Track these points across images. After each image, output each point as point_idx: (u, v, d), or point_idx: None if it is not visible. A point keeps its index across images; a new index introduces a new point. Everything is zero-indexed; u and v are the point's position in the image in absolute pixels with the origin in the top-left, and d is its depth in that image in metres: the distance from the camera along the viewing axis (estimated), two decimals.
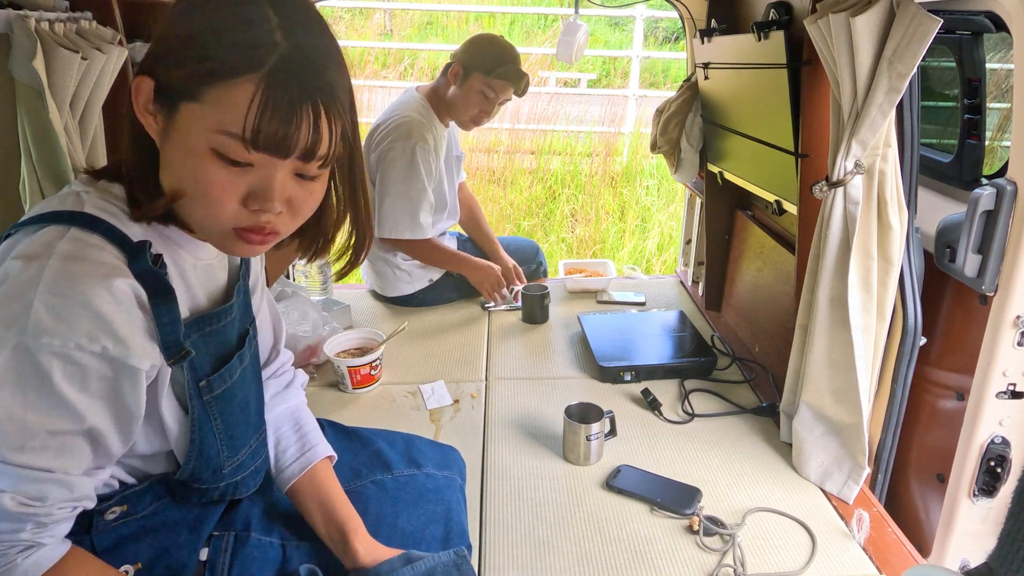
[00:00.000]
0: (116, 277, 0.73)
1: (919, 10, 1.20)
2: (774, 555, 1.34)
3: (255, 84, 0.69)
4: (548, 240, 4.67)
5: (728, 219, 2.42)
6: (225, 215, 0.75)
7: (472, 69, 2.20)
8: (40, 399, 0.70)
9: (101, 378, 0.74)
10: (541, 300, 2.38)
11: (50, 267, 0.70)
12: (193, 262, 0.88)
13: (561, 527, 1.41)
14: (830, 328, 1.47)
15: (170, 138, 0.74)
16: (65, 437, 0.74)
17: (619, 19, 8.51)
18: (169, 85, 0.73)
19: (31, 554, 0.75)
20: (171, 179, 0.76)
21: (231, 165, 0.73)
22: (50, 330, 0.69)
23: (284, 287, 2.16)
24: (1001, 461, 1.40)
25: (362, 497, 1.11)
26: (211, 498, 0.98)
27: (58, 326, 0.69)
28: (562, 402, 1.68)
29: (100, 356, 0.72)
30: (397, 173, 2.20)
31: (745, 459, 1.64)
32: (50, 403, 0.71)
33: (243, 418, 0.98)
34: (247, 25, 0.71)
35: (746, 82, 1.90)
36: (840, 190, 1.38)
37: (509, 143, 5.75)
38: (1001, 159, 1.83)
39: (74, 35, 1.35)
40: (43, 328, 0.68)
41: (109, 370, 0.74)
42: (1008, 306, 1.30)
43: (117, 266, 0.74)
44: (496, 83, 2.21)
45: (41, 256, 0.71)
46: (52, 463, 0.74)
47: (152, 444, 0.89)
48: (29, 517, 0.74)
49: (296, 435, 1.11)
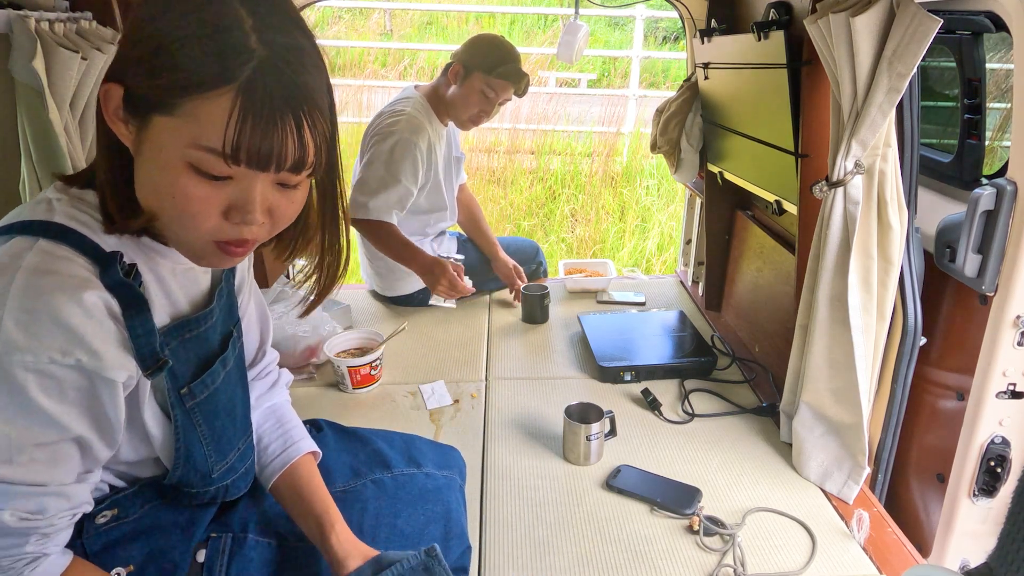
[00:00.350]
0: (86, 290, 0.71)
1: (919, 10, 1.20)
2: (774, 555, 1.34)
3: (232, 97, 0.66)
4: (548, 240, 4.67)
5: (728, 219, 2.42)
6: (204, 229, 0.73)
7: (473, 68, 2.20)
8: (19, 414, 0.70)
9: (78, 388, 0.73)
10: (541, 300, 2.38)
11: (17, 281, 0.68)
12: (172, 267, 0.86)
13: (561, 527, 1.41)
14: (830, 328, 1.47)
15: (142, 150, 0.71)
16: (53, 448, 0.74)
17: (619, 19, 8.51)
18: (139, 96, 0.69)
19: (38, 565, 0.75)
20: (146, 192, 0.74)
21: (210, 179, 0.70)
22: (22, 346, 0.67)
23: (284, 287, 2.16)
24: (1001, 461, 1.40)
25: (361, 496, 1.10)
26: (202, 500, 0.97)
27: (29, 342, 0.68)
28: (562, 402, 1.68)
29: (75, 368, 0.71)
30: (373, 160, 2.18)
31: (745, 459, 1.64)
32: (31, 417, 0.70)
33: (229, 422, 0.97)
34: (220, 31, 0.67)
35: (746, 82, 1.90)
36: (840, 190, 1.38)
37: (509, 143, 5.74)
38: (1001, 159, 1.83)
39: (74, 35, 1.35)
40: (14, 344, 0.67)
41: (85, 381, 0.73)
42: (1008, 306, 1.30)
43: (88, 278, 0.72)
44: (496, 83, 2.21)
45: (8, 269, 0.69)
46: (44, 476, 0.73)
47: (138, 451, 0.88)
48: (32, 530, 0.74)
49: (278, 431, 1.10)
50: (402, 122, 2.19)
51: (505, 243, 2.75)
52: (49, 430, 0.72)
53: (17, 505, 0.72)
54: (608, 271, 2.74)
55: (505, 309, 2.50)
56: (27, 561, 0.75)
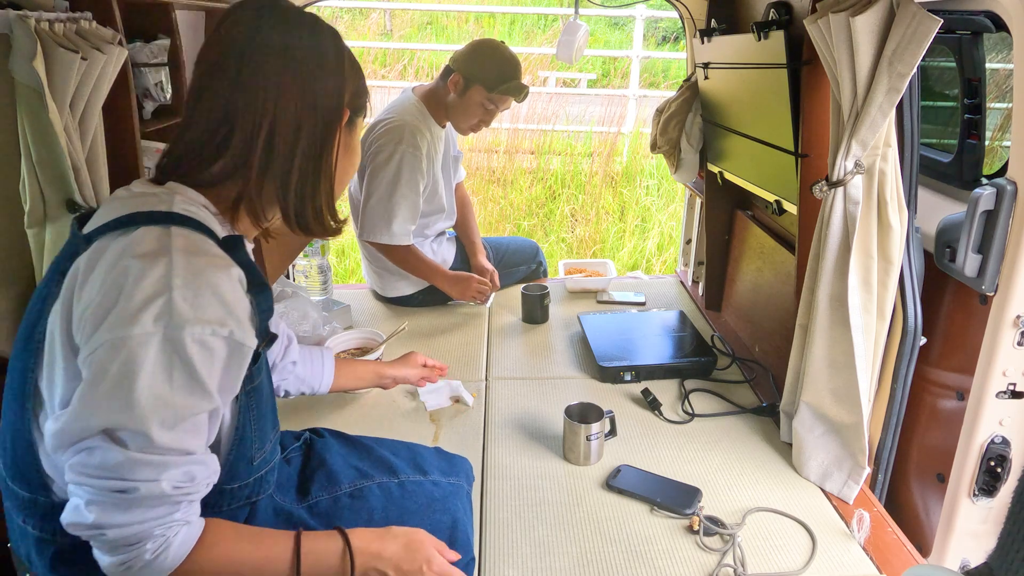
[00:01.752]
0: (231, 267, 0.81)
1: (919, 10, 1.20)
2: (774, 555, 1.34)
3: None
4: (548, 240, 4.67)
5: (728, 219, 2.42)
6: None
7: (473, 81, 2.18)
8: (186, 384, 0.76)
9: (223, 359, 0.80)
10: (541, 300, 2.38)
11: (176, 262, 0.77)
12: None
13: (561, 527, 1.41)
14: (830, 328, 1.47)
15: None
16: (198, 418, 0.80)
17: (619, 19, 8.51)
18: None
19: (179, 532, 0.80)
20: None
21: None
22: (190, 319, 0.75)
23: (284, 287, 2.16)
24: (1001, 461, 1.40)
25: (368, 501, 1.11)
26: (238, 501, 0.98)
27: (196, 315, 0.76)
28: (562, 402, 1.68)
29: (227, 339, 0.79)
30: (382, 177, 2.19)
31: (745, 459, 1.64)
32: (192, 386, 0.77)
33: (268, 409, 1.00)
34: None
35: (746, 82, 1.90)
36: (840, 190, 1.38)
37: (509, 143, 5.74)
38: (1001, 159, 1.83)
39: (74, 35, 1.35)
40: (184, 318, 0.75)
41: (229, 351, 0.80)
42: (1008, 306, 1.30)
43: (227, 257, 0.82)
44: (497, 98, 2.20)
45: (160, 253, 0.77)
46: (191, 444, 0.80)
47: (211, 432, 0.90)
48: (183, 498, 0.79)
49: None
50: (404, 134, 2.18)
51: (505, 243, 2.75)
52: (202, 400, 0.79)
53: (171, 475, 0.77)
54: (608, 271, 2.74)
55: (505, 309, 2.50)
56: (177, 529, 0.80)
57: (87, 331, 0.76)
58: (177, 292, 0.75)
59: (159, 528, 0.78)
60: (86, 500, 0.75)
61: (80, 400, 0.75)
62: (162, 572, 0.79)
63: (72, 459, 0.75)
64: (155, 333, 0.74)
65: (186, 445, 0.78)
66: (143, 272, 0.75)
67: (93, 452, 0.75)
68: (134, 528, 0.76)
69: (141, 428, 0.74)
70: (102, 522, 0.75)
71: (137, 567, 0.77)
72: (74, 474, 0.75)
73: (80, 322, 0.77)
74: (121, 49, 1.43)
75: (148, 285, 0.75)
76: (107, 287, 0.76)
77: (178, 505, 0.79)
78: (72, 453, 0.76)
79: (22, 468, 0.84)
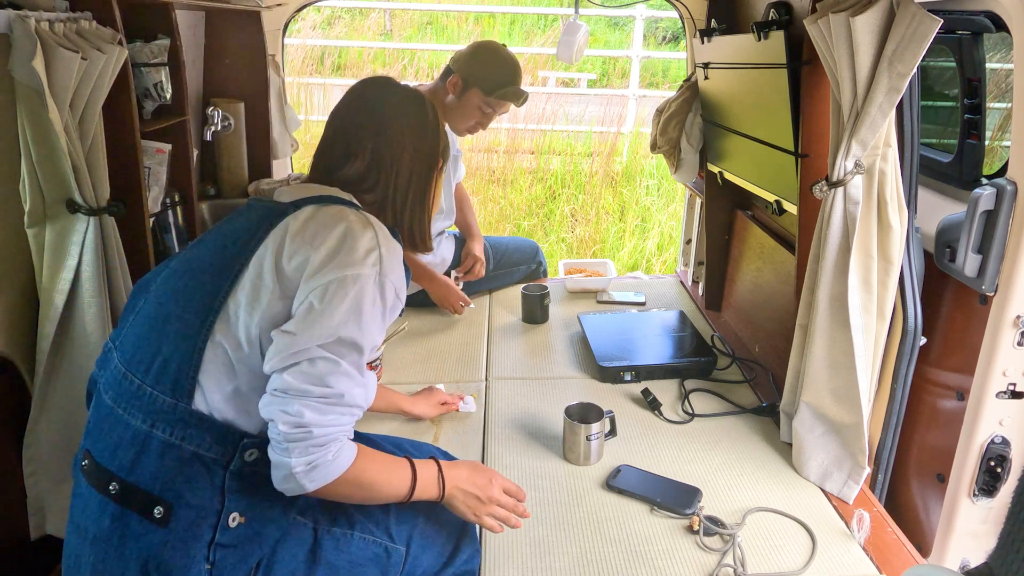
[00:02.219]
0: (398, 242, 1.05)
1: (919, 10, 1.20)
2: (774, 555, 1.34)
3: None
4: (548, 240, 4.67)
5: (728, 219, 2.42)
6: None
7: (472, 84, 2.17)
8: (380, 321, 0.98)
9: (390, 314, 1.01)
10: (541, 300, 2.38)
11: (380, 232, 1.00)
12: None
13: (561, 527, 1.41)
14: (830, 328, 1.47)
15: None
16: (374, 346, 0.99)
17: (619, 19, 8.50)
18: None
19: (342, 447, 0.94)
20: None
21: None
22: (389, 273, 0.98)
23: None
24: (1001, 461, 1.40)
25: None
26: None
27: (393, 272, 0.99)
28: (562, 402, 1.68)
29: (395, 298, 1.00)
30: None
31: (745, 459, 1.64)
32: (381, 325, 0.99)
33: None
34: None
35: (746, 82, 1.90)
36: (840, 190, 1.38)
37: (509, 143, 5.74)
38: (1001, 159, 1.83)
39: (74, 35, 1.35)
40: (388, 270, 0.98)
41: (393, 311, 1.02)
42: (1008, 306, 1.30)
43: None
44: (494, 102, 2.20)
45: (368, 224, 1.00)
46: (366, 368, 0.99)
47: None
48: (359, 412, 0.97)
49: None
50: None
51: (505, 243, 2.74)
52: (378, 339, 1.00)
53: (356, 392, 0.95)
54: (608, 271, 2.73)
55: (505, 309, 2.50)
56: (348, 438, 0.96)
57: (314, 267, 0.94)
58: (384, 250, 0.98)
59: (343, 434, 0.94)
60: (301, 404, 0.90)
61: (314, 320, 0.91)
62: (336, 473, 0.93)
63: (291, 370, 0.91)
64: (370, 273, 0.96)
65: (365, 368, 0.98)
66: (362, 232, 0.98)
67: (315, 363, 0.91)
68: (331, 430, 0.92)
69: (361, 343, 0.95)
70: (315, 421, 0.90)
71: (322, 465, 0.91)
72: (294, 381, 0.90)
73: (295, 257, 0.95)
74: (121, 49, 1.43)
75: (367, 240, 0.97)
76: (332, 239, 0.96)
77: (355, 417, 0.96)
78: (292, 365, 0.91)
79: (174, 374, 0.94)
